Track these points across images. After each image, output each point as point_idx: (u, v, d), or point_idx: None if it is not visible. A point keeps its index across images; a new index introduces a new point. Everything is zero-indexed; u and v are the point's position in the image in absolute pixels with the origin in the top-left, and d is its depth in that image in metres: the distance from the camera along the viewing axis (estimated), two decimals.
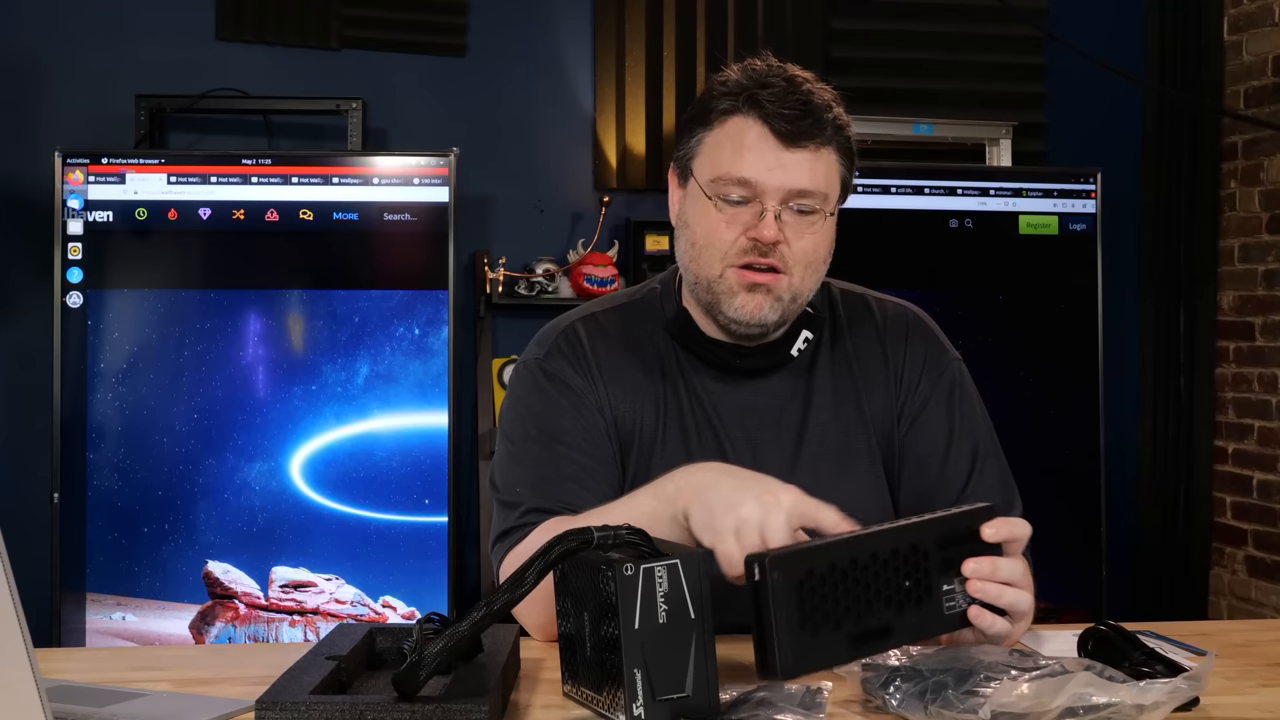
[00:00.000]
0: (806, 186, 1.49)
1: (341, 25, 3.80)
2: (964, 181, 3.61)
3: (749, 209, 1.50)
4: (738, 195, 1.50)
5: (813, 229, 1.51)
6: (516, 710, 1.20)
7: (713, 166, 1.51)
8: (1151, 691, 1.08)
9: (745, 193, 1.49)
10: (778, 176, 1.48)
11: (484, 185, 3.82)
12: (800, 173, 1.49)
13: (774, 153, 1.48)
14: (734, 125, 1.51)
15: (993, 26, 4.03)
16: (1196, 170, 4.05)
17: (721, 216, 1.51)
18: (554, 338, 1.61)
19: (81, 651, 2.54)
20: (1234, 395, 4.00)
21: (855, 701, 1.20)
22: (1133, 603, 3.99)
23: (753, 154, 1.49)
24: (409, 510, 3.33)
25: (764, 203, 1.49)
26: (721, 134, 1.52)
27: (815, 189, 1.50)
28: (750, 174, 1.48)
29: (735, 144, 1.50)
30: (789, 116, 1.48)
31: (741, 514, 1.24)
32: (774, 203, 1.48)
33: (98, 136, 3.60)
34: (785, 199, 1.49)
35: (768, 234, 1.48)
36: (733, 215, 1.50)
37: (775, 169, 1.48)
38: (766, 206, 1.48)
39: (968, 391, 1.65)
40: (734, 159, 1.49)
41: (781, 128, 1.48)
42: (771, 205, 1.48)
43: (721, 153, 1.51)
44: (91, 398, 3.26)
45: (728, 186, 1.50)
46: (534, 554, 1.12)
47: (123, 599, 3.25)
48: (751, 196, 1.49)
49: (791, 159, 1.49)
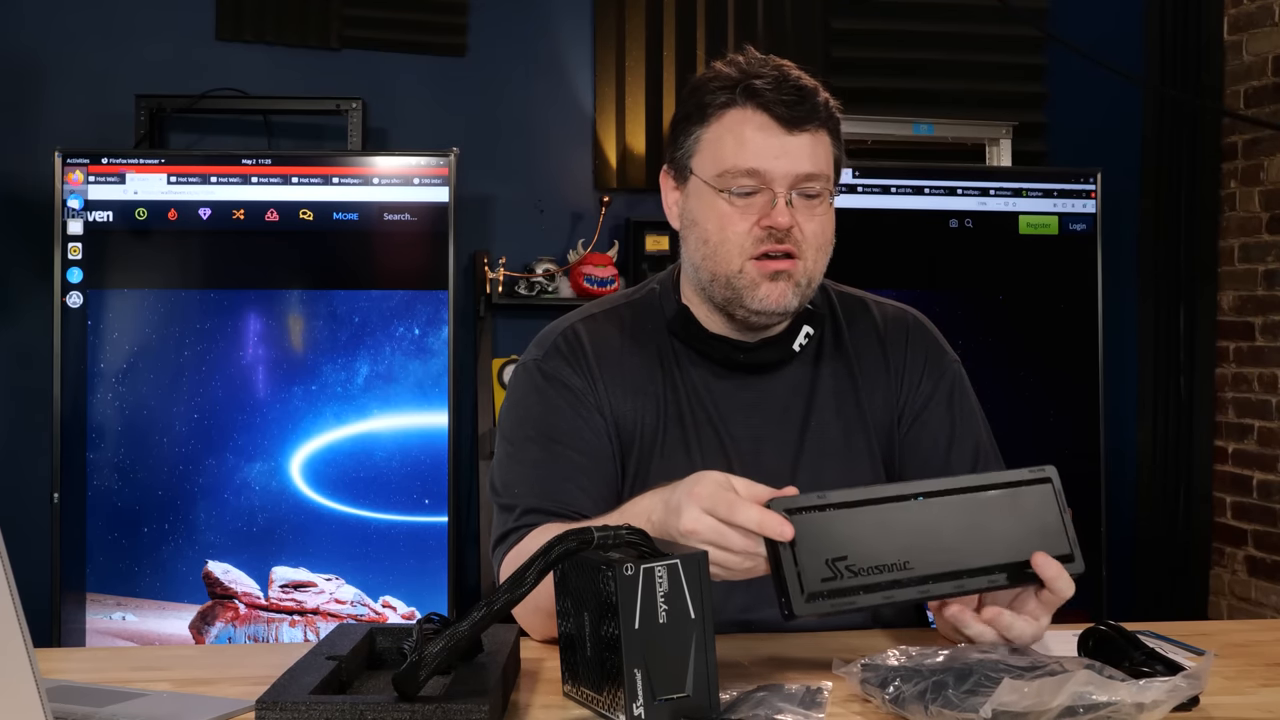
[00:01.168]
0: (811, 170, 1.50)
1: (341, 25, 3.80)
2: (964, 181, 3.61)
3: (759, 198, 1.50)
4: (747, 186, 1.50)
5: (820, 211, 1.52)
6: (516, 710, 1.20)
7: (716, 161, 1.52)
8: (1151, 691, 1.08)
9: (754, 183, 1.50)
10: (784, 163, 1.49)
11: (484, 185, 3.82)
12: (803, 157, 1.50)
13: (778, 139, 1.49)
14: (733, 118, 1.51)
15: (993, 26, 4.03)
16: (1196, 170, 4.05)
17: (733, 209, 1.51)
18: (553, 339, 1.61)
19: (81, 651, 2.54)
20: (1234, 395, 4.00)
21: (855, 701, 1.20)
22: (1133, 603, 3.99)
23: (756, 143, 1.49)
24: (409, 510, 3.33)
25: (774, 190, 1.49)
26: (721, 128, 1.52)
27: (819, 171, 1.51)
28: (757, 163, 1.49)
29: (737, 136, 1.50)
30: (788, 102, 1.49)
31: (684, 525, 1.20)
32: (783, 189, 1.49)
33: (98, 136, 3.60)
34: (793, 184, 1.50)
35: (782, 220, 1.49)
36: (744, 206, 1.51)
37: (781, 156, 1.49)
38: (777, 193, 1.49)
39: (967, 392, 1.66)
40: (738, 150, 1.50)
41: (782, 114, 1.49)
42: (781, 191, 1.49)
43: (724, 146, 1.51)
44: (91, 398, 3.26)
45: (736, 178, 1.50)
46: (534, 554, 1.12)
47: (123, 599, 3.25)
48: (761, 186, 1.50)
49: (794, 144, 1.50)
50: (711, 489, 1.20)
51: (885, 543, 1.22)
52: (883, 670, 1.18)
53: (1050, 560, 1.26)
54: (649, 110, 3.90)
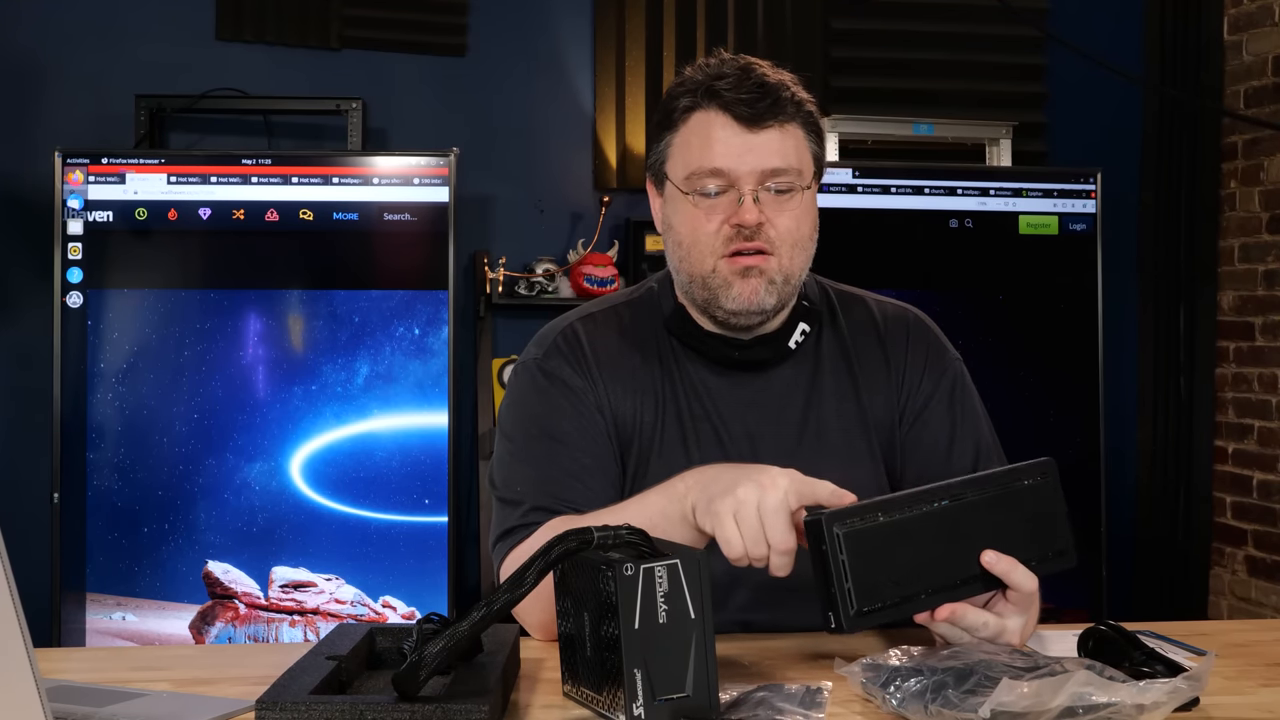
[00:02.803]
0: (778, 165, 1.50)
1: (341, 25, 3.80)
2: (964, 181, 3.61)
3: (726, 198, 1.51)
4: (714, 186, 1.51)
5: (792, 206, 1.52)
6: (516, 710, 1.20)
7: (684, 165, 1.53)
8: (1151, 691, 1.08)
9: (720, 183, 1.51)
10: (748, 160, 1.50)
11: (484, 185, 3.82)
12: (769, 152, 1.50)
13: (740, 137, 1.50)
14: (697, 121, 1.52)
15: (993, 26, 4.03)
16: (1196, 170, 4.05)
17: (701, 211, 1.52)
18: (553, 338, 1.61)
19: (81, 651, 2.54)
20: (1234, 395, 4.00)
21: (855, 701, 1.20)
22: (1133, 603, 3.99)
23: (720, 143, 1.50)
24: (409, 510, 3.33)
25: (740, 188, 1.50)
26: (687, 132, 1.53)
27: (787, 166, 1.51)
28: (721, 163, 1.50)
29: (701, 138, 1.51)
30: (748, 100, 1.49)
31: (738, 495, 1.26)
32: (749, 186, 1.50)
33: (98, 136, 3.60)
34: (760, 180, 1.50)
35: (749, 217, 1.49)
36: (711, 207, 1.51)
37: (745, 153, 1.50)
38: (743, 191, 1.50)
39: (969, 390, 1.66)
40: (703, 152, 1.51)
41: (742, 112, 1.50)
42: (748, 189, 1.50)
43: (690, 150, 1.52)
44: (91, 398, 3.26)
45: (702, 180, 1.51)
46: (534, 554, 1.13)
47: (123, 599, 3.25)
48: (727, 185, 1.51)
49: (758, 140, 1.50)
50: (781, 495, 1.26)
51: (921, 553, 1.25)
52: (883, 670, 1.18)
53: (1000, 557, 1.27)
54: (649, 110, 3.90)
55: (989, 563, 1.27)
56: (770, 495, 1.25)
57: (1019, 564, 1.28)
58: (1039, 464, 1.33)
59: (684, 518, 1.33)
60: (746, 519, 1.25)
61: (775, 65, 1.56)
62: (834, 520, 1.21)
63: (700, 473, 1.36)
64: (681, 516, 1.33)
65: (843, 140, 3.75)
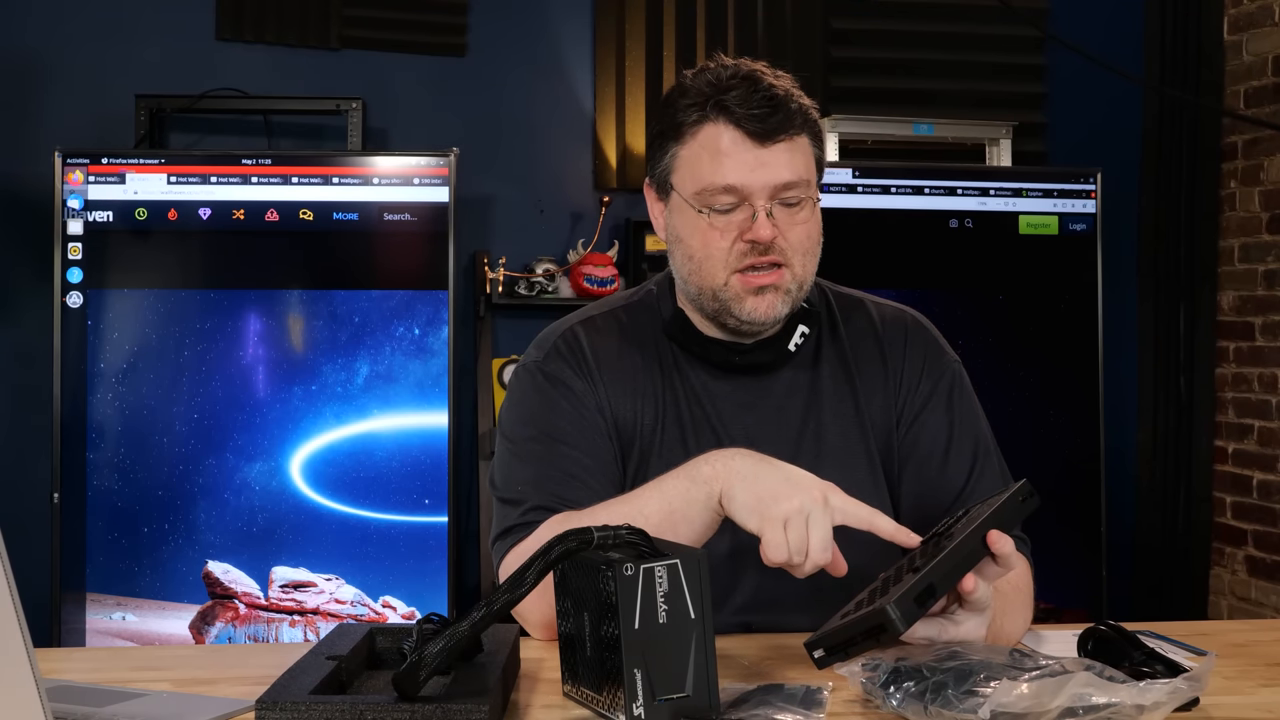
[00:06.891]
0: (790, 179, 1.50)
1: (341, 25, 3.80)
2: (964, 181, 3.61)
3: (739, 213, 1.50)
4: (726, 203, 1.50)
5: (802, 217, 1.52)
6: (516, 710, 1.20)
7: (694, 179, 1.52)
8: (1151, 691, 1.08)
9: (733, 199, 1.50)
10: (761, 176, 1.49)
11: (484, 185, 3.82)
12: (781, 167, 1.50)
13: (752, 153, 1.49)
14: (706, 134, 1.51)
15: (993, 26, 4.03)
16: (1196, 170, 4.05)
17: (714, 226, 1.51)
18: (553, 341, 1.61)
19: (81, 651, 2.54)
20: (1234, 395, 4.00)
21: (855, 701, 1.20)
22: (1133, 603, 3.99)
23: (732, 160, 1.49)
24: (409, 510, 3.33)
25: (753, 204, 1.49)
26: (696, 146, 1.52)
27: (798, 179, 1.51)
28: (734, 179, 1.49)
29: (712, 153, 1.50)
30: (759, 115, 1.49)
31: (794, 504, 1.28)
32: (762, 201, 1.49)
33: (98, 136, 3.60)
34: (772, 195, 1.50)
35: (764, 234, 1.49)
36: (725, 223, 1.51)
37: (757, 169, 1.49)
38: (757, 207, 1.49)
39: (967, 392, 1.65)
40: (714, 168, 1.50)
41: (754, 128, 1.49)
42: (761, 205, 1.49)
43: (700, 164, 1.51)
44: (91, 398, 3.26)
45: (714, 196, 1.50)
46: (534, 553, 1.13)
47: (123, 599, 3.25)
48: (739, 200, 1.50)
49: (770, 155, 1.49)
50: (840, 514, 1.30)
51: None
52: (883, 670, 1.18)
53: (1004, 537, 1.27)
54: (649, 110, 3.90)
55: (994, 540, 1.27)
56: (823, 515, 1.28)
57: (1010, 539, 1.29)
58: (1024, 486, 1.32)
59: (707, 502, 1.34)
60: (797, 529, 1.27)
61: (772, 65, 1.56)
62: (902, 618, 1.19)
63: (727, 460, 1.36)
64: (705, 501, 1.34)
65: (843, 140, 3.75)
